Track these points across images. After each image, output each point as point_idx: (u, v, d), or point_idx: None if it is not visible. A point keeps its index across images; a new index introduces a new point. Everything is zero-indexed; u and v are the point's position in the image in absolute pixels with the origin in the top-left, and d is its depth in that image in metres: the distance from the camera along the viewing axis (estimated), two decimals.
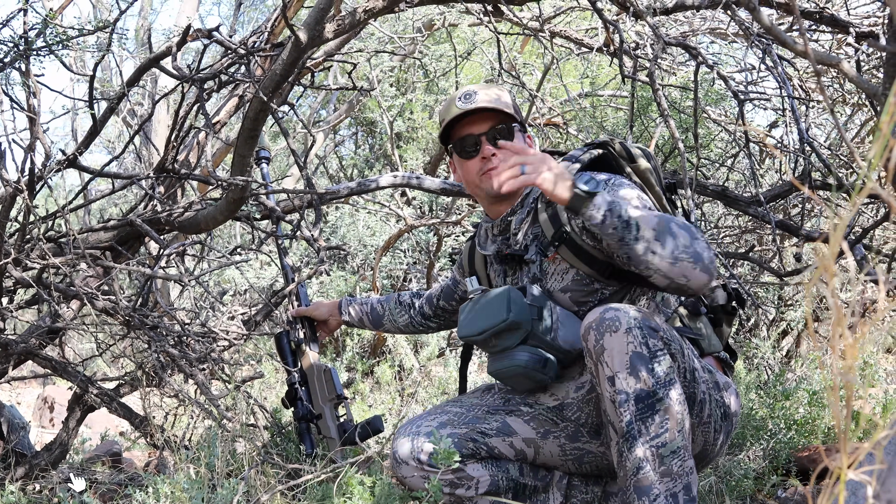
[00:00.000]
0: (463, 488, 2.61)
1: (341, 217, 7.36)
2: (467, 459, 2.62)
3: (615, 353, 2.28)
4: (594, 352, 2.32)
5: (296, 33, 2.68)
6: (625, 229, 2.28)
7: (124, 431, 5.03)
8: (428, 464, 2.58)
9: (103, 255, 3.18)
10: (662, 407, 2.29)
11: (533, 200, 2.73)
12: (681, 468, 2.31)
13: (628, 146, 2.77)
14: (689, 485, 2.32)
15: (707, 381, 2.54)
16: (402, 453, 2.63)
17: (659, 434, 2.29)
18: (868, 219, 4.33)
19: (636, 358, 2.28)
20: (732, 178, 5.19)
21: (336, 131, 9.09)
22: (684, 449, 2.32)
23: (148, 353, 3.03)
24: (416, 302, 3.23)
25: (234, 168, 2.99)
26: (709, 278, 2.30)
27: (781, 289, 6.17)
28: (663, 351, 2.31)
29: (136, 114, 7.52)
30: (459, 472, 2.58)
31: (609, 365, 2.29)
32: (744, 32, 3.70)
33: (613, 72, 6.25)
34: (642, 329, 2.29)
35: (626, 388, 2.28)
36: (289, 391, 3.16)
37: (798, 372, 5.38)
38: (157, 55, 3.28)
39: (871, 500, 0.93)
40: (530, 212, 2.73)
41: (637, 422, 2.28)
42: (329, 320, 3.30)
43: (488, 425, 2.67)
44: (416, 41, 6.38)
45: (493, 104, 2.66)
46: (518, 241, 2.75)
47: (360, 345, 6.78)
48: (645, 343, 2.28)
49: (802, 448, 3.58)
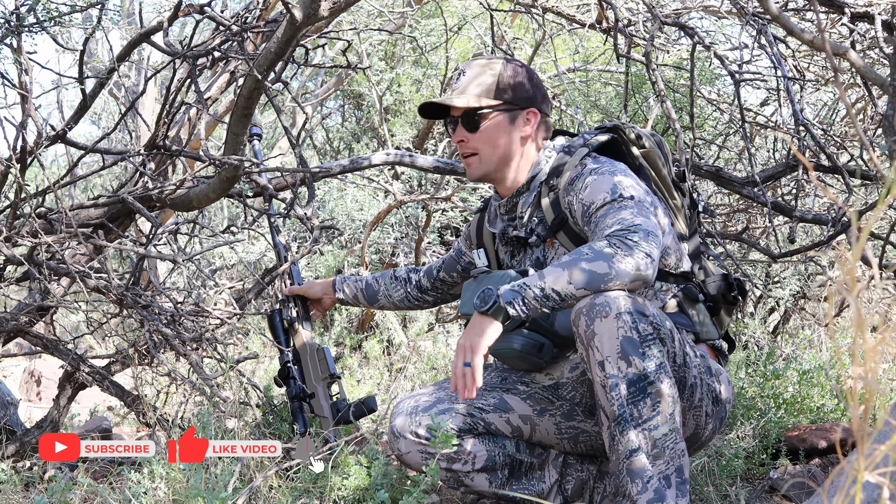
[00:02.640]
0: (460, 463, 2.65)
1: (329, 192, 7.33)
2: (464, 434, 2.66)
3: (605, 338, 2.30)
4: (585, 337, 2.33)
5: (291, 11, 2.66)
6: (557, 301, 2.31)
7: (113, 407, 5.01)
8: (426, 438, 2.62)
9: (95, 234, 3.15)
10: (653, 391, 2.30)
11: (539, 184, 2.72)
12: (673, 451, 2.33)
13: (639, 132, 2.78)
14: (682, 467, 2.34)
15: (699, 365, 2.55)
16: (399, 427, 2.67)
17: (651, 417, 2.31)
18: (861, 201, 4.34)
19: (626, 343, 2.29)
20: (723, 157, 5.18)
21: (323, 104, 9.04)
22: (676, 432, 2.34)
23: (141, 332, 3.01)
24: (413, 277, 3.21)
25: (228, 146, 2.96)
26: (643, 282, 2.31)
27: (769, 266, 6.19)
28: (653, 336, 2.33)
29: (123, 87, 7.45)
30: (456, 447, 2.60)
31: (599, 350, 2.31)
32: (738, 11, 3.68)
33: (603, 47, 6.22)
34: (632, 314, 2.30)
35: (616, 373, 2.30)
36: (281, 370, 3.13)
37: (786, 349, 5.41)
38: (148, 30, 3.24)
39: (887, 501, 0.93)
40: (537, 195, 2.73)
41: (629, 405, 2.30)
42: (323, 299, 3.27)
43: (485, 401, 2.69)
44: (405, 15, 6.33)
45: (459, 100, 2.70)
46: (524, 223, 2.76)
47: (349, 320, 6.77)
48: (635, 328, 2.29)
49: (792, 427, 3.60)
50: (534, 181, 2.74)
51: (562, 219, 2.61)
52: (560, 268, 2.31)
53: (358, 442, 3.21)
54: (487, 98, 2.70)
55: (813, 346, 5.26)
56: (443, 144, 6.98)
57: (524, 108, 2.73)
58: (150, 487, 2.49)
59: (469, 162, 2.78)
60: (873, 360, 0.87)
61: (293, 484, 2.67)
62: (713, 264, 2.91)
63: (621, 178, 2.51)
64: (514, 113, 2.72)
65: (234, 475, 2.36)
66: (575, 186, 2.56)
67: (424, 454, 2.63)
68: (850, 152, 3.99)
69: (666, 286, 2.68)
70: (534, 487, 2.72)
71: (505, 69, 2.73)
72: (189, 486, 2.36)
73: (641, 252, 2.29)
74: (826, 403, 3.80)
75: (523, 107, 2.73)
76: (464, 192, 6.64)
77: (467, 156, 2.77)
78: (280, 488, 2.60)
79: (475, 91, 2.71)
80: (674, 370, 2.44)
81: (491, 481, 2.67)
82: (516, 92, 2.73)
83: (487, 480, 2.67)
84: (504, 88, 2.72)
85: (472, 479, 2.67)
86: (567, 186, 2.59)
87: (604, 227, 2.41)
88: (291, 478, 2.71)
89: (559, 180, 2.64)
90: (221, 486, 2.40)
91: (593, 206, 2.48)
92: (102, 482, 2.89)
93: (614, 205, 2.44)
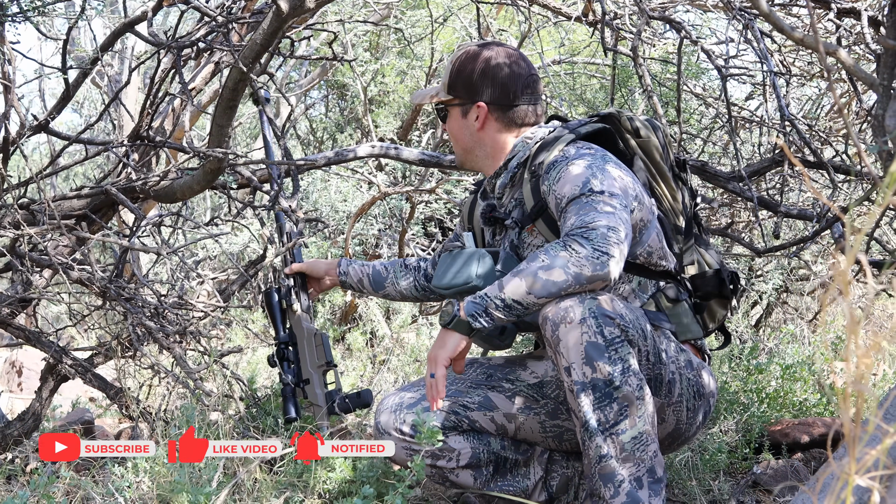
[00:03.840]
0: (444, 460, 2.65)
1: (313, 182, 7.31)
2: (449, 431, 2.66)
3: (570, 344, 2.30)
4: (552, 342, 2.34)
5: (277, 3, 2.64)
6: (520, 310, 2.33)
7: (95, 398, 4.99)
8: (410, 435, 2.62)
9: (78, 226, 3.13)
10: (620, 395, 2.31)
11: (517, 165, 2.71)
12: (643, 453, 2.34)
13: (635, 121, 2.77)
14: (654, 468, 2.36)
15: (676, 360, 2.55)
16: (384, 424, 2.67)
17: (618, 421, 2.32)
18: (845, 196, 4.35)
19: (591, 348, 2.29)
20: (707, 151, 5.19)
21: (307, 94, 9.00)
22: (646, 434, 2.35)
23: (124, 324, 2.99)
24: (422, 265, 3.14)
25: (212, 138, 2.94)
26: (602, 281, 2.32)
27: (752, 260, 6.21)
28: (620, 338, 2.33)
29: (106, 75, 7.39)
30: (441, 444, 2.61)
31: (565, 356, 2.32)
32: (725, 5, 3.68)
33: (589, 40, 6.22)
34: (597, 318, 2.30)
35: (582, 379, 2.31)
36: (277, 351, 3.06)
37: (768, 343, 5.43)
38: (132, 20, 3.22)
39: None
40: (513, 176, 2.72)
41: (595, 411, 2.31)
42: (324, 279, 3.17)
43: (470, 399, 2.69)
44: (390, 6, 6.31)
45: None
46: (503, 204, 2.78)
47: (332, 311, 6.75)
48: (600, 332, 2.30)
49: (775, 422, 3.62)
50: (511, 162, 2.74)
51: (541, 206, 2.61)
52: (518, 277, 2.32)
53: (342, 435, 3.20)
54: (444, 92, 2.79)
55: (796, 340, 5.29)
56: (427, 136, 6.97)
57: (472, 101, 2.74)
58: (133, 482, 2.48)
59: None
60: (865, 364, 0.87)
61: (278, 478, 2.66)
62: (712, 256, 2.88)
63: (597, 169, 2.48)
64: (465, 107, 2.76)
65: (217, 470, 2.35)
66: (550, 175, 2.54)
67: (409, 451, 2.62)
68: (834, 147, 4.00)
69: (645, 283, 2.67)
70: (519, 484, 2.72)
71: (458, 61, 2.77)
72: (173, 481, 2.35)
73: (597, 251, 2.28)
74: (809, 398, 3.82)
75: (472, 100, 2.74)
76: (448, 184, 6.63)
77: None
78: (265, 482, 2.59)
79: (442, 84, 2.80)
80: (647, 369, 2.44)
81: (476, 477, 2.67)
82: (463, 85, 2.76)
83: (472, 477, 2.67)
84: (454, 82, 2.77)
85: (457, 475, 2.67)
86: (545, 174, 2.57)
87: (566, 226, 2.41)
88: (276, 472, 2.70)
89: (541, 165, 2.62)
90: (206, 480, 2.39)
91: (564, 200, 2.46)
92: (86, 476, 2.87)
93: (581, 199, 2.41)
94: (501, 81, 2.74)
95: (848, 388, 0.91)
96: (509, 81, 2.74)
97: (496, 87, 2.74)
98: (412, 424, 2.61)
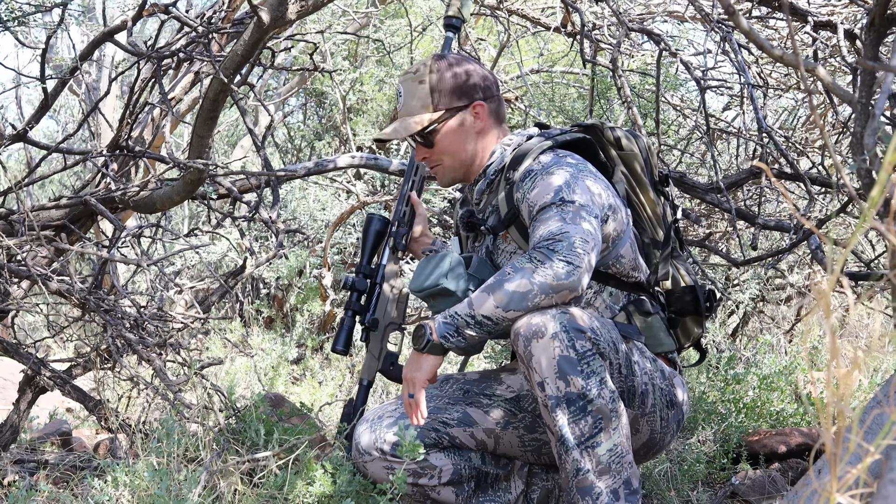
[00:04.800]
0: (426, 477, 2.64)
1: (292, 191, 7.30)
2: (430, 449, 2.64)
3: (543, 358, 2.32)
4: (524, 357, 2.35)
5: (258, 14, 2.64)
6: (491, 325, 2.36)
7: (72, 409, 4.96)
8: (391, 454, 2.60)
9: (58, 237, 3.11)
10: (594, 408, 2.32)
11: (494, 172, 2.71)
12: (619, 465, 2.36)
13: (617, 131, 2.77)
14: (630, 479, 2.37)
15: (650, 371, 2.57)
16: (364, 444, 2.65)
17: (593, 435, 2.33)
18: (821, 208, 4.38)
19: (563, 362, 2.31)
20: (685, 162, 5.22)
21: (285, 102, 9.00)
22: (621, 446, 2.36)
23: (103, 336, 2.98)
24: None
25: (193, 149, 2.94)
26: (570, 292, 2.33)
27: (729, 269, 6.25)
28: (592, 351, 2.34)
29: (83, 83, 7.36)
30: (422, 462, 2.60)
31: (538, 371, 2.33)
32: (703, 17, 3.71)
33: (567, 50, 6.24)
34: (568, 332, 2.31)
35: (556, 393, 2.32)
36: (358, 279, 2.88)
37: (746, 352, 5.46)
38: (112, 29, 3.21)
39: None
40: (490, 183, 2.72)
41: (570, 425, 2.32)
42: (422, 238, 2.99)
43: (449, 415, 2.68)
44: (369, 15, 6.31)
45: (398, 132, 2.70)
46: (481, 210, 2.78)
47: (310, 321, 6.74)
48: (572, 346, 2.31)
49: (753, 432, 3.65)
50: (489, 168, 2.73)
51: (514, 213, 2.61)
52: (486, 292, 2.35)
53: (322, 447, 3.19)
54: (428, 112, 2.69)
55: (773, 350, 5.32)
56: (405, 145, 6.97)
57: (467, 105, 2.71)
58: (113, 495, 2.46)
59: (436, 171, 2.80)
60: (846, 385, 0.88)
61: (259, 490, 2.66)
62: (688, 273, 2.88)
63: (571, 178, 2.49)
64: (460, 115, 2.70)
65: (199, 483, 2.34)
66: (525, 184, 2.54)
67: (389, 469, 2.60)
68: (810, 159, 4.04)
69: (617, 294, 2.68)
70: (500, 498, 2.72)
71: (432, 76, 2.71)
72: (154, 494, 2.34)
73: (562, 262, 2.30)
74: (786, 408, 3.85)
75: (466, 104, 2.71)
76: (426, 192, 6.64)
77: (434, 167, 2.79)
78: (245, 495, 2.58)
79: (416, 108, 2.71)
80: (619, 381, 2.46)
81: (457, 494, 2.66)
82: (452, 94, 2.70)
83: (454, 493, 2.66)
84: (439, 96, 2.70)
85: (439, 492, 2.65)
86: (519, 182, 2.58)
87: (535, 235, 2.42)
88: (256, 484, 2.70)
89: (515, 173, 2.62)
90: (186, 493, 2.38)
91: (535, 208, 2.48)
92: (64, 489, 2.86)
93: (552, 209, 2.42)
94: (483, 76, 2.75)
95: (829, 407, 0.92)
96: (486, 77, 2.76)
97: (484, 80, 2.74)
98: (392, 443, 2.60)
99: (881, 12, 1.38)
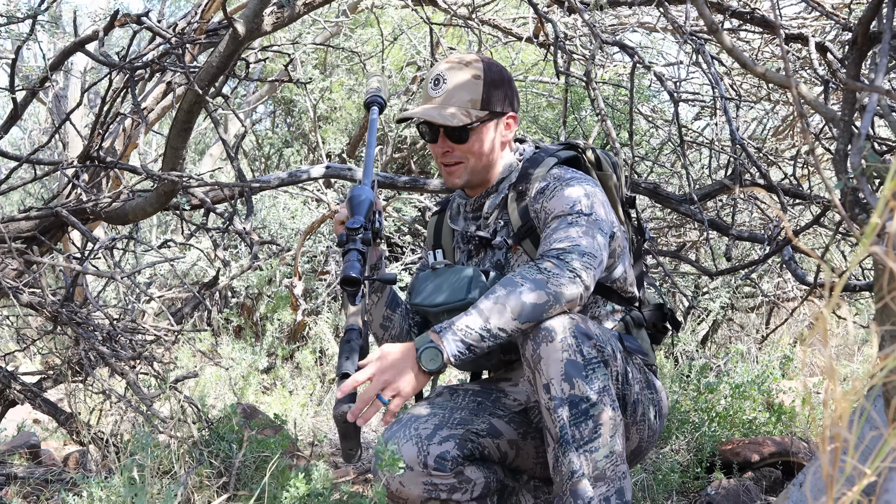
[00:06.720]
0: (460, 492, 2.50)
1: (261, 199, 7.27)
2: (465, 461, 2.52)
3: (550, 361, 2.31)
4: (531, 360, 2.34)
5: (234, 25, 2.63)
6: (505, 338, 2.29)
7: (40, 420, 4.90)
8: (434, 468, 2.45)
9: (29, 249, 3.07)
10: (595, 413, 2.32)
11: (508, 187, 2.70)
12: (614, 473, 2.35)
13: (598, 154, 2.78)
14: (622, 489, 2.37)
15: (641, 381, 2.59)
16: (408, 458, 2.46)
17: (592, 439, 2.32)
18: (795, 220, 4.42)
19: (570, 366, 2.30)
20: (656, 172, 5.25)
21: (254, 110, 8.97)
22: (616, 454, 2.36)
23: (76, 349, 2.94)
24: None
25: (167, 161, 2.92)
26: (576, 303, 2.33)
27: (699, 277, 6.29)
28: (597, 358, 2.35)
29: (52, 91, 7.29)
30: (460, 476, 2.49)
31: (544, 373, 2.32)
32: (675, 29, 3.73)
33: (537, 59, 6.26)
34: (577, 338, 2.32)
35: (559, 395, 2.31)
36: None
37: (716, 361, 5.50)
38: (83, 39, 3.19)
39: None
40: (504, 198, 2.71)
41: (571, 427, 2.31)
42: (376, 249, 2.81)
43: (478, 427, 2.58)
44: (340, 25, 6.30)
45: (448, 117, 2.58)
46: (489, 224, 2.75)
47: (280, 329, 6.71)
48: (579, 351, 2.31)
49: (726, 441, 3.66)
50: (503, 183, 2.71)
51: (529, 227, 2.61)
52: (500, 304, 2.28)
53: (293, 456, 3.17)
54: (475, 109, 2.62)
55: (745, 359, 5.35)
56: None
57: (506, 112, 2.68)
58: None
59: (452, 170, 2.69)
60: (843, 408, 0.89)
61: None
62: (652, 292, 2.93)
63: (589, 192, 2.51)
64: (497, 121, 2.67)
65: (176, 497, 2.31)
66: (543, 196, 2.55)
67: (427, 485, 2.45)
68: (782, 169, 4.07)
69: (615, 308, 2.71)
70: None
71: (489, 74, 2.65)
72: None
73: (572, 273, 2.31)
74: (758, 417, 3.87)
75: (505, 111, 2.68)
76: (398, 202, 6.63)
77: (450, 164, 2.68)
78: None
79: (463, 101, 2.62)
80: (617, 389, 2.47)
81: None
82: (501, 98, 2.67)
83: None
84: (489, 97, 2.64)
85: None
86: (537, 195, 2.57)
87: (545, 243, 2.43)
88: (232, 497, 2.67)
89: (528, 186, 2.62)
90: None
91: (550, 216, 2.49)
92: (35, 503, 2.82)
93: (566, 219, 2.44)
94: (515, 88, 2.74)
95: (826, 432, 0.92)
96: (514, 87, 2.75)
97: (515, 93, 2.73)
98: (436, 456, 2.45)
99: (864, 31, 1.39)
